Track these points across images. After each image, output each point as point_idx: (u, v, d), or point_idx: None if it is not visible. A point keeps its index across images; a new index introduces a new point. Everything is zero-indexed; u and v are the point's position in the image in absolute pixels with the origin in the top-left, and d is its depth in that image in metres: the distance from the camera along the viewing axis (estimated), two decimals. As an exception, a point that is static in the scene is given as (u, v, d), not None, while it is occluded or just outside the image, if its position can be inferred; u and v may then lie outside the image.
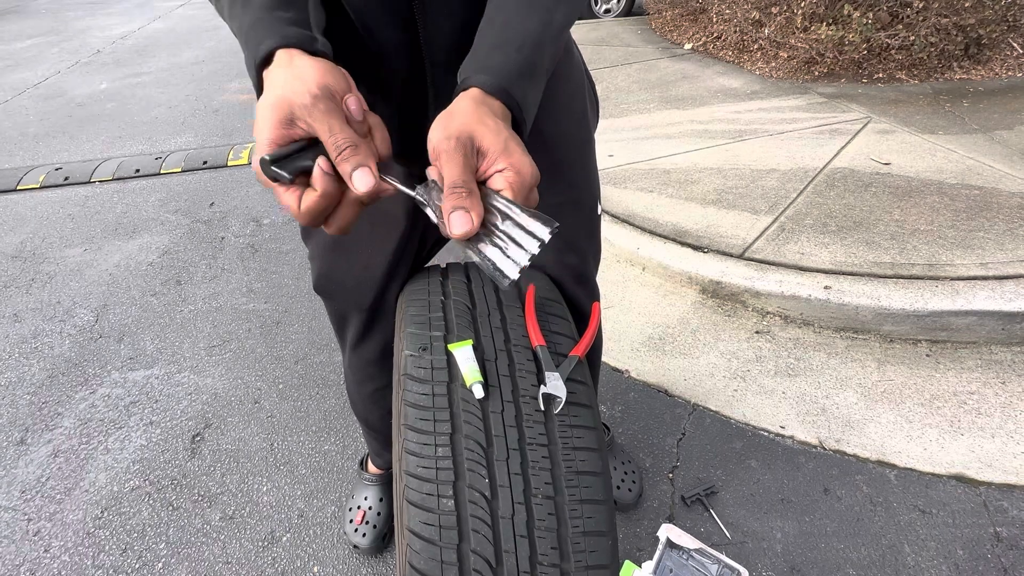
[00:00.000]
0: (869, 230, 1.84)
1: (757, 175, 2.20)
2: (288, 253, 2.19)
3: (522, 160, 0.43)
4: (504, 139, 0.43)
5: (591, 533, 0.51)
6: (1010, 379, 1.47)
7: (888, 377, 1.51)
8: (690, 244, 1.86)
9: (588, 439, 0.54)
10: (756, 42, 3.39)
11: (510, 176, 0.42)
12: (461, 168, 0.41)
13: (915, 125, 2.48)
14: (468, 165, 0.42)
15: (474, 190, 0.41)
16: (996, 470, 1.28)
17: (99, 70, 4.52)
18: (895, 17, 2.91)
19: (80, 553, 1.24)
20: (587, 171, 0.81)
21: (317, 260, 0.80)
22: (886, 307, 1.57)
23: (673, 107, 2.86)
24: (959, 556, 1.14)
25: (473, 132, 0.42)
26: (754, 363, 1.57)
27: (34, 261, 2.24)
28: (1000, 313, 1.51)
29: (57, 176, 2.85)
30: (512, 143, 0.43)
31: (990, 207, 1.89)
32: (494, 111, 0.45)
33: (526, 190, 0.43)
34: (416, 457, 0.51)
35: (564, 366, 0.58)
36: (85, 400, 1.60)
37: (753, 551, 1.17)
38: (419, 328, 0.61)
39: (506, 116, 0.46)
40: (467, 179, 0.41)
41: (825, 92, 2.90)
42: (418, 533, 0.49)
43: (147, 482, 1.37)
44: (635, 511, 1.25)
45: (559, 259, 0.80)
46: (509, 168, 0.42)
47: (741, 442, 1.38)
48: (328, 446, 1.44)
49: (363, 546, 1.19)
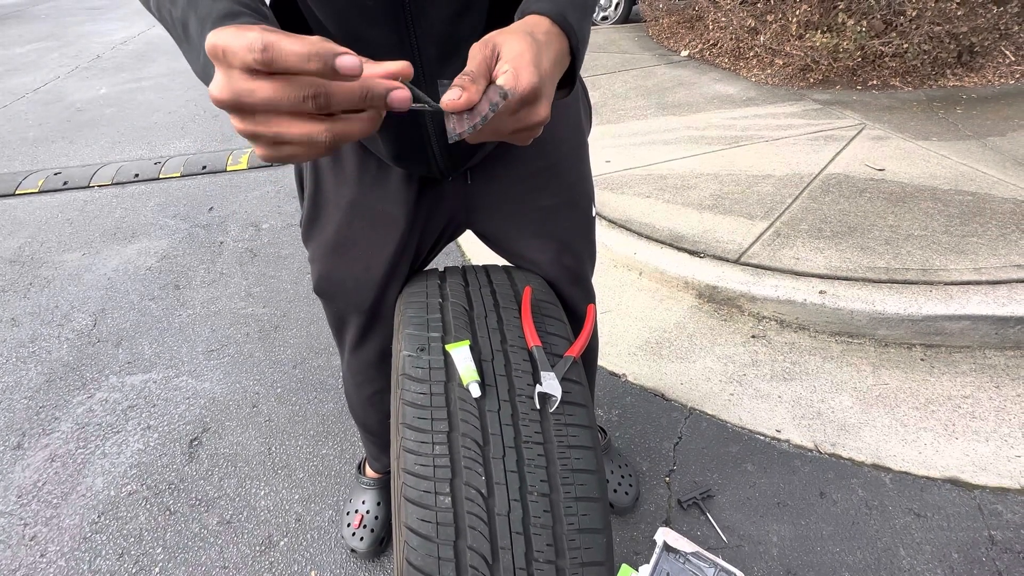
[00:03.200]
0: (864, 235, 1.85)
1: (753, 181, 2.21)
2: (287, 258, 2.20)
3: (527, 69, 0.42)
4: (522, 49, 0.43)
5: (586, 530, 0.51)
6: (1004, 383, 1.48)
7: (883, 381, 1.51)
8: (687, 249, 1.87)
9: (583, 437, 0.55)
10: (752, 49, 3.42)
11: (508, 76, 0.42)
12: (476, 63, 0.43)
13: (909, 131, 2.50)
14: (483, 62, 0.43)
15: (478, 81, 0.42)
16: (990, 474, 1.29)
17: (99, 75, 4.54)
18: (889, 25, 2.95)
19: (76, 558, 1.23)
20: (582, 173, 0.82)
21: (318, 262, 0.81)
22: (881, 312, 1.58)
23: (670, 113, 2.88)
24: (954, 559, 1.15)
25: (501, 41, 0.44)
26: (750, 367, 1.58)
27: (32, 265, 2.24)
28: (993, 317, 1.52)
29: (56, 181, 2.86)
30: (530, 55, 0.43)
31: (983, 212, 1.90)
32: (539, 31, 0.46)
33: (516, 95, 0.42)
34: (414, 455, 0.52)
35: (559, 366, 0.59)
36: (82, 404, 1.60)
37: (749, 554, 1.18)
38: (417, 329, 0.61)
39: (559, 39, 0.47)
40: (474, 71, 0.42)
41: (820, 99, 2.93)
42: (416, 530, 0.49)
43: (144, 486, 1.37)
44: (632, 515, 1.25)
45: (555, 260, 0.81)
46: (511, 70, 0.42)
47: (737, 446, 1.39)
48: (326, 450, 1.44)
49: (361, 550, 1.19)
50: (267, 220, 2.45)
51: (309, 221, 0.79)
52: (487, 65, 0.43)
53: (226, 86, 0.35)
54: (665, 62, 3.67)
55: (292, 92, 0.35)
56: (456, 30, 0.57)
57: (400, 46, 0.57)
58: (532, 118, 0.45)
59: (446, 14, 0.56)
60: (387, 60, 0.59)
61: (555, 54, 0.46)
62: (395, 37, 0.57)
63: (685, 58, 3.74)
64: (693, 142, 2.57)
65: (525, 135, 0.47)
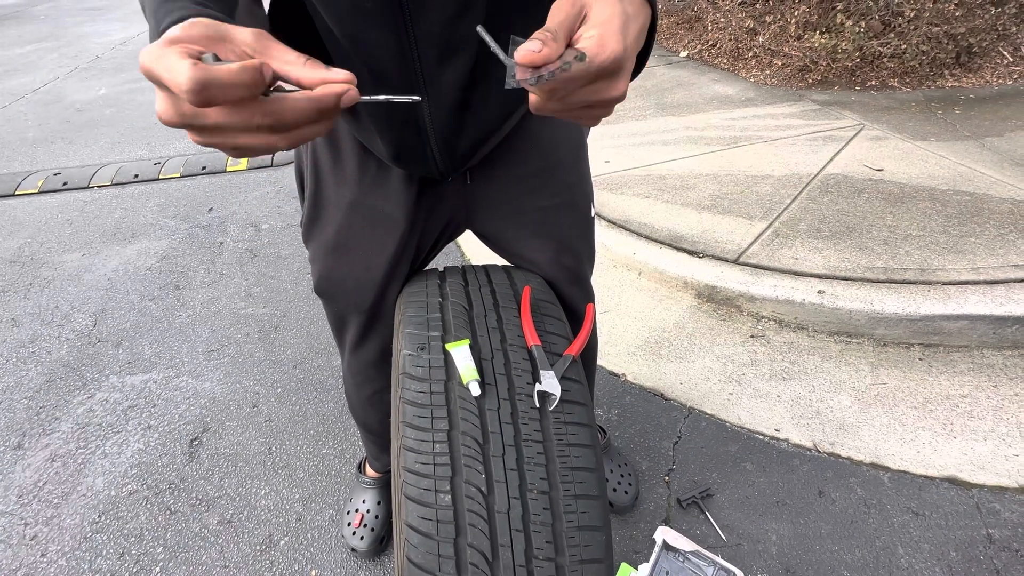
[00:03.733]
0: (862, 235, 1.86)
1: (752, 181, 2.22)
2: (286, 258, 2.20)
3: (615, 36, 0.40)
4: (611, 15, 0.40)
5: (585, 528, 0.52)
6: (1002, 382, 1.48)
7: (881, 380, 1.52)
8: (686, 249, 1.87)
9: (582, 436, 0.55)
10: (751, 50, 3.42)
11: (592, 41, 0.39)
12: (559, 20, 0.40)
13: (907, 132, 2.51)
14: (566, 21, 0.40)
15: (560, 38, 0.39)
16: (988, 472, 1.29)
17: (98, 76, 4.54)
18: (887, 26, 2.96)
19: (77, 557, 1.24)
20: (581, 173, 0.83)
21: (318, 262, 0.81)
22: (879, 311, 1.58)
23: (669, 114, 2.89)
24: (952, 558, 1.15)
25: (590, 2, 0.41)
26: (749, 367, 1.59)
27: (32, 266, 2.24)
28: (991, 317, 1.53)
29: (56, 181, 2.86)
30: (618, 22, 0.40)
31: (981, 212, 1.91)
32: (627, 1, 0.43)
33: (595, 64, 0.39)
34: (414, 453, 0.52)
35: (559, 365, 0.59)
36: (83, 404, 1.61)
37: (748, 553, 1.18)
38: (417, 328, 0.62)
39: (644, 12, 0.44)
40: (556, 28, 0.39)
41: (819, 99, 2.94)
42: (416, 528, 0.49)
43: (145, 486, 1.37)
44: (631, 514, 1.26)
45: (555, 260, 0.81)
46: (596, 35, 0.40)
47: (736, 445, 1.39)
48: (326, 450, 1.44)
49: (361, 549, 1.19)
50: (267, 220, 2.46)
51: (310, 221, 0.79)
52: (570, 25, 0.40)
53: (172, 111, 0.35)
54: (664, 63, 3.68)
55: (243, 117, 0.34)
56: (455, 32, 0.57)
57: (399, 48, 0.57)
58: (610, 92, 0.41)
59: (445, 16, 0.56)
60: (385, 62, 0.59)
61: (639, 28, 0.43)
62: (393, 39, 0.57)
63: (684, 59, 3.74)
64: (692, 142, 2.57)
65: (597, 112, 0.43)
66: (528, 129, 0.74)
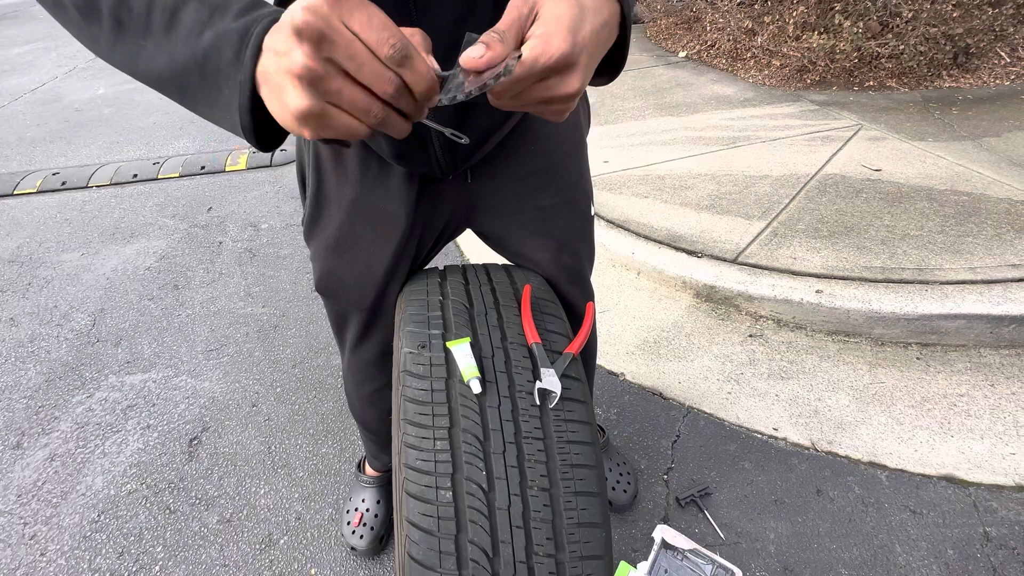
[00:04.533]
0: (860, 235, 1.86)
1: (750, 181, 2.22)
2: (286, 258, 2.20)
3: (560, 34, 0.39)
4: (561, 12, 0.40)
5: (585, 524, 0.52)
6: (999, 381, 1.49)
7: (879, 380, 1.52)
8: (684, 249, 1.88)
9: (582, 433, 0.55)
10: (749, 50, 3.43)
11: (536, 42, 0.39)
12: (508, 21, 0.40)
13: (905, 132, 2.51)
14: (516, 21, 0.40)
15: (507, 40, 0.39)
16: (985, 471, 1.30)
17: (97, 75, 4.53)
18: (885, 26, 2.96)
19: (76, 557, 1.24)
20: (581, 173, 0.83)
21: (319, 261, 0.81)
22: (877, 311, 1.59)
23: (668, 114, 2.89)
24: (949, 556, 1.16)
25: (540, 3, 0.41)
26: (747, 366, 1.59)
27: (31, 265, 2.24)
28: (988, 316, 1.53)
29: (54, 181, 2.86)
30: (568, 19, 0.39)
31: (978, 212, 1.92)
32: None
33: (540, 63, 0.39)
34: (415, 450, 0.52)
35: (559, 363, 0.59)
36: (82, 404, 1.61)
37: (747, 551, 1.19)
38: (418, 326, 0.62)
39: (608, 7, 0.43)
40: (504, 29, 0.39)
41: (817, 100, 2.94)
42: (417, 524, 0.50)
43: (144, 486, 1.38)
44: (630, 512, 1.26)
45: (555, 259, 0.81)
46: (542, 34, 0.39)
47: (735, 444, 1.40)
48: (326, 449, 1.44)
49: (360, 548, 1.19)
50: (266, 220, 2.46)
51: (311, 220, 0.79)
52: (520, 25, 0.40)
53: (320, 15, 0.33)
54: (663, 63, 3.69)
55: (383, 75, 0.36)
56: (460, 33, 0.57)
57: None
58: (561, 89, 0.41)
59: (451, 17, 0.56)
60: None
61: (600, 23, 0.42)
62: None
63: (683, 59, 3.75)
64: (691, 142, 2.58)
65: (556, 108, 0.42)
66: (529, 129, 0.75)
